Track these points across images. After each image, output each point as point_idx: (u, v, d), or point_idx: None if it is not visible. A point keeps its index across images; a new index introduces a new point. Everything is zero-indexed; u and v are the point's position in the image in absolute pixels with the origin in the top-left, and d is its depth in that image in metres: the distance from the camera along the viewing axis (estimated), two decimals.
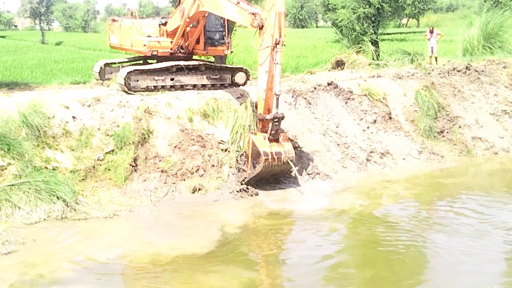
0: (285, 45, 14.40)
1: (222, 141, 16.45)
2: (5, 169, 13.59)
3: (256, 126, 15.56)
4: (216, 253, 11.68)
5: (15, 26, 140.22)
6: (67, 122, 15.31)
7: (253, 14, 14.52)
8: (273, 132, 14.62)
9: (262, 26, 14.38)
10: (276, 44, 14.01)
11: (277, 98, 14.32)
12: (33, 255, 11.35)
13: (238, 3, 15.20)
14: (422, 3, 34.18)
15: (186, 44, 18.85)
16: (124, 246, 11.91)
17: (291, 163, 14.88)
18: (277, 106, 14.40)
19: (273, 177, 15.47)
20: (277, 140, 14.88)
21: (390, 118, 19.60)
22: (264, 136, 14.80)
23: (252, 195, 15.00)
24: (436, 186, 16.45)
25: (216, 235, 12.60)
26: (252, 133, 15.80)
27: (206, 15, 17.92)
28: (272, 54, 14.11)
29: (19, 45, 64.29)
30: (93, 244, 11.97)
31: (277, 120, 14.46)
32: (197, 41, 18.97)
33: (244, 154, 15.70)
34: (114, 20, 20.47)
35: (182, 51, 18.88)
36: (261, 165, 14.54)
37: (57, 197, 13.32)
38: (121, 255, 11.56)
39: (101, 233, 12.58)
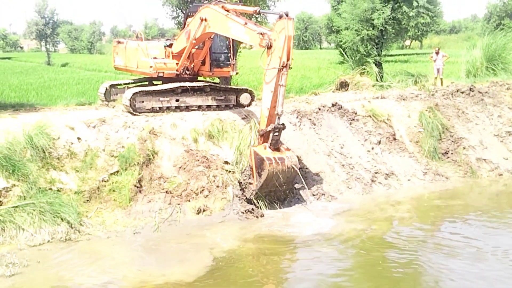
0: (291, 68, 14.68)
1: (227, 161, 16.46)
2: (10, 190, 13.59)
3: (258, 141, 15.69)
4: (204, 281, 11.51)
5: (21, 47, 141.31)
6: (72, 143, 15.34)
7: (261, 34, 14.73)
8: (273, 141, 14.88)
9: (271, 45, 14.56)
10: (283, 66, 14.24)
11: (279, 117, 14.75)
12: (37, 278, 11.31)
13: (246, 24, 15.39)
14: (425, 25, 34.30)
15: (192, 66, 18.97)
16: (119, 272, 11.79)
17: (295, 168, 15.01)
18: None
19: (281, 188, 15.29)
20: (278, 150, 15.11)
21: (395, 139, 19.60)
22: (265, 145, 15.04)
23: (257, 216, 14.96)
24: (442, 208, 16.37)
25: (208, 260, 12.42)
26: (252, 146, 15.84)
27: (212, 37, 18.06)
28: (279, 75, 14.37)
29: (25, 67, 64.75)
30: (93, 268, 11.88)
31: (277, 130, 14.79)
32: (203, 63, 19.09)
33: (248, 168, 15.69)
34: (119, 42, 20.60)
35: (187, 72, 18.99)
36: (266, 170, 14.55)
37: (61, 219, 13.30)
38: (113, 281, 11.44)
39: (102, 256, 12.50)
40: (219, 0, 16.87)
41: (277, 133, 14.84)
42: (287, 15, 14.31)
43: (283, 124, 15.00)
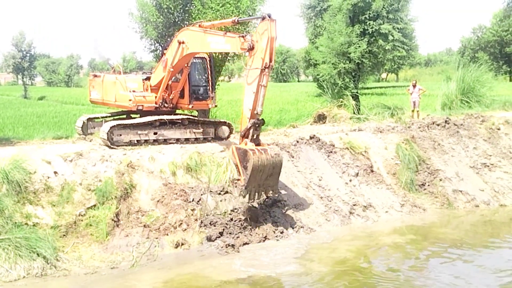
0: (273, 68, 14.82)
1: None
2: None
3: (239, 141, 15.77)
4: None
5: None
6: (48, 178, 15.19)
7: (242, 37, 15.01)
8: (254, 137, 15.08)
9: (253, 47, 14.74)
10: (266, 67, 14.43)
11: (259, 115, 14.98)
12: None
13: (225, 33, 15.65)
14: (401, 59, 34.86)
15: (171, 98, 19.01)
16: None
17: (279, 156, 15.37)
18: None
19: (269, 181, 15.33)
20: (258, 145, 15.30)
21: (372, 171, 19.74)
22: (246, 141, 15.23)
23: (238, 251, 14.84)
24: (419, 239, 16.45)
25: None
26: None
27: (189, 64, 18.17)
28: (261, 76, 14.59)
29: (1, 100, 64.21)
30: None
31: (257, 125, 15.02)
32: (182, 96, 19.14)
33: (233, 167, 16.02)
34: (95, 76, 20.57)
35: (166, 105, 19.02)
36: (251, 160, 14.64)
37: (37, 254, 13.08)
38: None
39: None
40: (196, 22, 17.16)
41: (257, 129, 15.07)
42: (269, 17, 14.50)
43: (262, 119, 15.22)
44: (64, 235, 14.24)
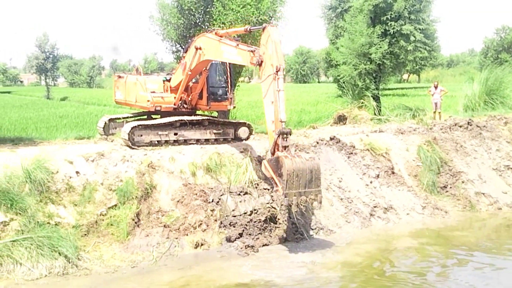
0: (285, 74, 14.51)
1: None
2: (8, 224, 13.51)
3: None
4: None
5: (21, 81, 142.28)
6: (70, 177, 15.33)
7: (251, 51, 14.85)
8: (284, 147, 13.99)
9: (262, 61, 14.60)
10: (277, 71, 14.11)
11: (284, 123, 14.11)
12: None
13: (238, 45, 15.56)
14: (422, 59, 34.59)
15: (189, 99, 19.11)
16: None
17: (316, 160, 14.35)
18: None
19: (309, 188, 13.99)
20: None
21: (393, 173, 19.61)
22: (277, 154, 14.16)
23: (257, 251, 14.84)
24: (441, 242, 16.30)
25: None
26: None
27: (207, 67, 18.23)
28: (275, 82, 14.14)
29: (24, 101, 65.03)
30: None
31: (285, 134, 13.97)
32: (200, 97, 19.22)
33: (269, 180, 15.34)
34: (119, 77, 20.85)
35: (185, 106, 19.12)
36: (284, 164, 13.59)
37: (59, 253, 13.21)
38: None
39: None
40: (212, 28, 17.14)
41: (285, 139, 13.98)
42: (269, 24, 14.60)
43: (289, 129, 14.27)
44: (85, 234, 14.35)
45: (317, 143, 19.54)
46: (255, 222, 15.57)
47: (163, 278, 13.27)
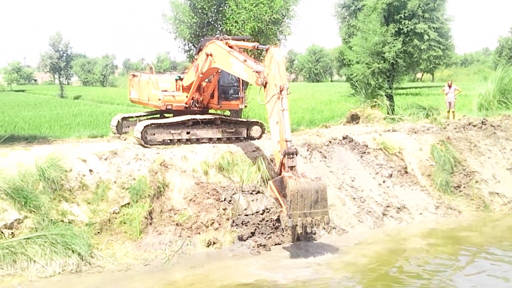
0: (289, 93, 14.31)
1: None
2: (22, 222, 13.63)
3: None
4: None
5: (35, 80, 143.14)
6: (84, 176, 15.42)
7: (257, 72, 14.76)
8: (290, 167, 13.78)
9: (266, 83, 14.56)
10: (281, 90, 14.04)
11: (290, 143, 13.95)
12: None
13: (245, 61, 15.47)
14: (436, 58, 34.37)
15: (201, 99, 19.13)
16: None
17: (321, 181, 13.99)
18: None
19: (315, 209, 13.69)
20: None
21: (406, 172, 19.52)
22: (282, 175, 14.02)
23: (269, 250, 14.85)
24: (452, 243, 16.16)
25: None
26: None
27: (219, 71, 18.23)
28: (279, 101, 14.09)
29: (38, 99, 65.52)
30: None
31: (291, 154, 13.79)
32: (212, 96, 19.26)
33: (274, 201, 15.18)
34: (134, 75, 20.95)
35: (197, 105, 19.15)
36: (288, 185, 13.38)
37: (72, 251, 13.30)
38: None
39: None
40: (224, 36, 17.05)
41: (291, 158, 13.79)
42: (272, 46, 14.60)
43: (295, 149, 14.12)
44: (98, 232, 14.44)
45: (330, 142, 19.50)
46: (267, 221, 15.56)
47: (174, 276, 13.30)
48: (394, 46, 29.03)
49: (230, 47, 16.40)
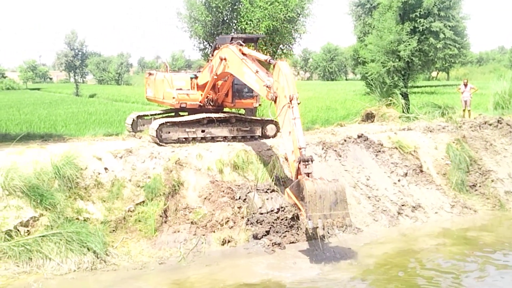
0: (299, 103, 14.12)
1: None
2: (37, 220, 13.72)
3: None
4: None
5: (50, 78, 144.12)
6: (99, 174, 15.49)
7: (267, 87, 14.69)
8: (306, 175, 13.42)
9: (276, 97, 14.52)
10: (291, 100, 13.91)
11: (304, 150, 13.71)
12: None
13: (257, 72, 15.38)
14: (452, 57, 34.12)
15: (216, 97, 19.13)
16: None
17: (338, 181, 13.88)
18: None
19: (335, 210, 13.37)
20: None
21: (422, 171, 19.41)
22: (299, 178, 13.72)
23: (284, 248, 14.84)
24: (469, 243, 16.04)
25: None
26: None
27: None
28: (290, 111, 13.92)
29: (53, 98, 65.99)
30: None
31: (305, 161, 13.49)
32: (226, 94, 19.25)
33: (294, 208, 15.08)
34: (150, 74, 21.04)
35: (211, 104, 19.16)
36: (305, 186, 13.09)
37: (88, 248, 13.37)
38: None
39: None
40: (237, 42, 16.93)
41: (307, 166, 13.47)
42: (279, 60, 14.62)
43: (310, 156, 13.85)
44: (113, 230, 14.50)
45: (345, 141, 19.43)
46: (282, 219, 15.55)
47: (188, 274, 13.33)
48: (409, 44, 28.86)
49: (244, 54, 16.28)
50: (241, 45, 16.60)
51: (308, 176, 13.43)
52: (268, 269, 13.65)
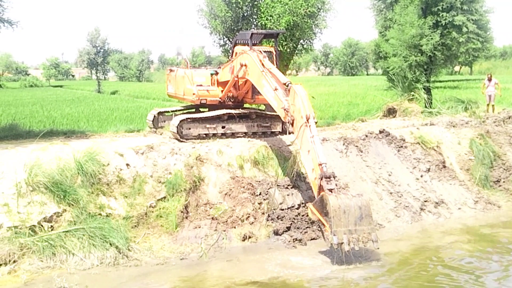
0: (316, 122, 14.03)
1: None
2: (61, 215, 13.84)
3: None
4: None
5: (73, 75, 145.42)
6: (121, 170, 15.58)
7: (285, 110, 14.67)
8: (329, 191, 13.10)
9: (293, 120, 14.45)
10: (307, 119, 13.78)
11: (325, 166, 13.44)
12: None
13: (276, 89, 15.28)
14: (475, 51, 33.73)
15: (236, 95, 19.12)
16: None
17: (363, 196, 13.49)
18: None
19: (360, 226, 12.99)
20: None
21: (444, 166, 19.22)
22: (322, 193, 13.49)
23: (305, 244, 14.79)
24: (494, 239, 15.78)
25: None
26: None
27: None
28: (308, 130, 13.76)
29: (76, 95, 66.52)
30: None
31: (328, 177, 13.24)
32: (246, 91, 19.23)
33: (317, 225, 15.01)
34: (171, 70, 21.14)
35: (231, 100, 19.16)
36: (329, 201, 12.79)
37: (110, 244, 13.46)
38: None
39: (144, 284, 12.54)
40: (258, 50, 16.79)
41: (329, 182, 13.19)
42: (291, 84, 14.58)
43: (332, 172, 13.73)
44: (135, 226, 14.58)
45: (366, 136, 19.32)
46: (303, 215, 15.50)
47: (211, 269, 13.36)
48: (431, 38, 28.59)
49: (262, 65, 16.01)
50: (261, 52, 16.50)
51: (331, 192, 13.16)
52: (276, 267, 13.36)
